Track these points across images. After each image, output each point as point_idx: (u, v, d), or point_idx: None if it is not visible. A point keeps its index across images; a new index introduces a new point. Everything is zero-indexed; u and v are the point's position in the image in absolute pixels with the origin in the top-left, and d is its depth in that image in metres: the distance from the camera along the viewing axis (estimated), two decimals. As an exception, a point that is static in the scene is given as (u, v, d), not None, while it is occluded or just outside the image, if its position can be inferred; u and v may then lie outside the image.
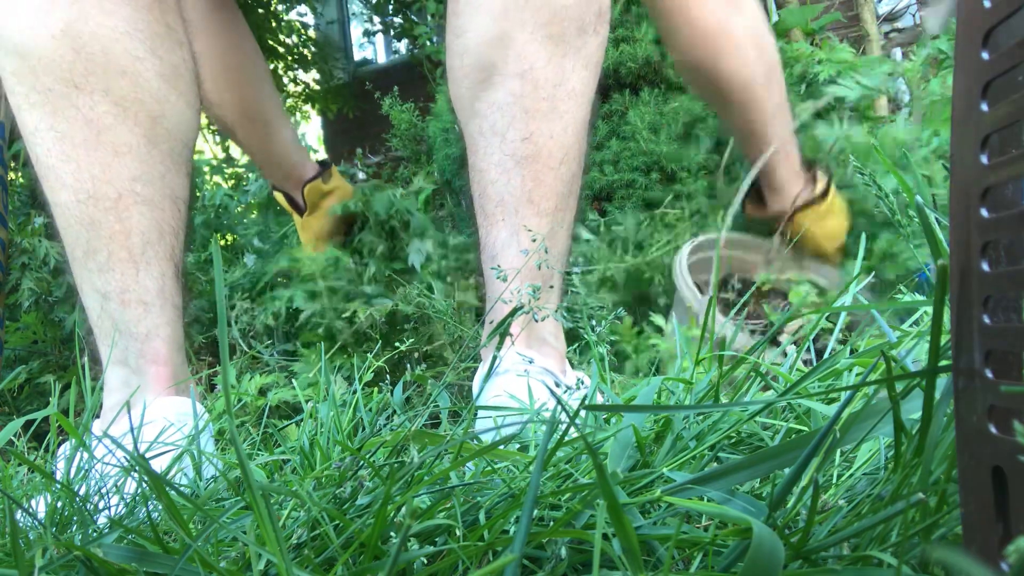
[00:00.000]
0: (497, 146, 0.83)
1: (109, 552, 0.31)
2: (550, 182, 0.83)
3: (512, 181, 0.83)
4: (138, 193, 0.78)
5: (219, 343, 0.31)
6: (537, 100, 0.81)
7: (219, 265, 0.32)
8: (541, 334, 0.84)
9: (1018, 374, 0.23)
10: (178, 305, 0.82)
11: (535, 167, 0.82)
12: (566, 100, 0.82)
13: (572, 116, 0.83)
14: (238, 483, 0.46)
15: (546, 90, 0.81)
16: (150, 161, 0.79)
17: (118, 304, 0.78)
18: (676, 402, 0.55)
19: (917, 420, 0.29)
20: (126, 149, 0.77)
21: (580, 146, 0.86)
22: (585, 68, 0.83)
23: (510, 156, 0.82)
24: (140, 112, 0.78)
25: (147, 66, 0.78)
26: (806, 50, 1.80)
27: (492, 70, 0.82)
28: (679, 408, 0.42)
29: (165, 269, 0.80)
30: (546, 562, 0.32)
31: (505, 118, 0.82)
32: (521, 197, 0.83)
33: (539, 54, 0.80)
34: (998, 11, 0.23)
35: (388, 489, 0.32)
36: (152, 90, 0.79)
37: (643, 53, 1.54)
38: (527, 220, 0.83)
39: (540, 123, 0.81)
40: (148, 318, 0.78)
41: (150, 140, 0.79)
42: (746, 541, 0.29)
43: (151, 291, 0.79)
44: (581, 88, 0.83)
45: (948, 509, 0.27)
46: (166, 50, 0.81)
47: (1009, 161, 0.23)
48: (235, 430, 0.30)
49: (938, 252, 0.32)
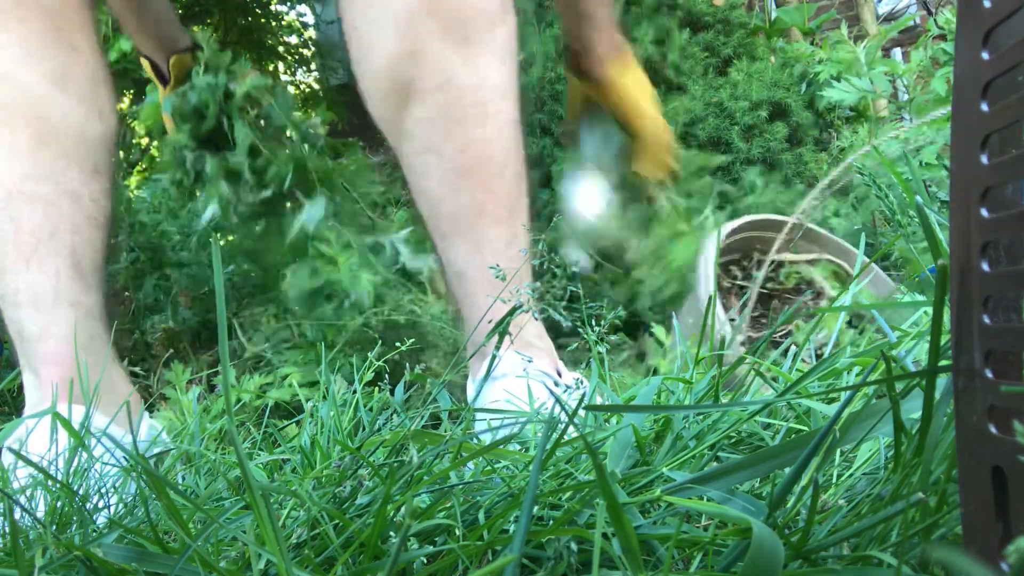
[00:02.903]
0: (436, 164, 0.81)
1: (109, 552, 0.31)
2: (499, 188, 0.81)
3: (461, 197, 0.81)
4: (27, 192, 0.76)
5: (219, 343, 0.31)
6: (464, 108, 0.79)
7: (219, 265, 0.32)
8: (526, 338, 0.83)
9: (1018, 374, 0.23)
10: (82, 303, 0.78)
11: (481, 177, 0.80)
12: (493, 100, 0.80)
13: (504, 115, 0.81)
14: (238, 483, 0.46)
15: (471, 95, 0.79)
16: (40, 160, 0.78)
17: (12, 306, 0.76)
18: (676, 402, 0.55)
19: (917, 420, 0.29)
20: (12, 151, 0.76)
21: (518, 142, 0.84)
22: (501, 62, 0.81)
23: (453, 171, 0.81)
24: (27, 114, 0.77)
25: (29, 70, 0.78)
26: (806, 50, 1.80)
27: (411, 87, 0.79)
28: (679, 408, 0.42)
29: (61, 268, 0.77)
30: (546, 561, 0.32)
31: (438, 133, 0.80)
32: (474, 211, 0.81)
33: (454, 60, 0.78)
34: (998, 11, 0.23)
35: (388, 489, 0.32)
36: (37, 93, 0.78)
37: (643, 53, 1.54)
38: (486, 233, 0.81)
39: (474, 130, 0.79)
40: (39, 318, 0.75)
41: (40, 140, 0.78)
42: (746, 541, 0.29)
43: (44, 290, 0.76)
44: (503, 83, 0.81)
45: (948, 509, 0.27)
46: (51, 53, 0.80)
47: (1009, 161, 0.23)
48: (234, 430, 0.30)
49: (938, 252, 0.32)
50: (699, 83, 1.58)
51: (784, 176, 1.55)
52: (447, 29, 0.77)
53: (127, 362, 1.25)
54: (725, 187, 1.43)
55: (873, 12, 2.41)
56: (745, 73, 1.58)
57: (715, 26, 1.65)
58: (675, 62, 1.57)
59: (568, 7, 1.29)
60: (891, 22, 2.48)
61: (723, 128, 1.50)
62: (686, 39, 1.59)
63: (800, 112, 1.58)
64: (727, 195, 1.45)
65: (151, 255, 1.45)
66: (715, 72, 1.64)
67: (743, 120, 1.50)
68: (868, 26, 2.37)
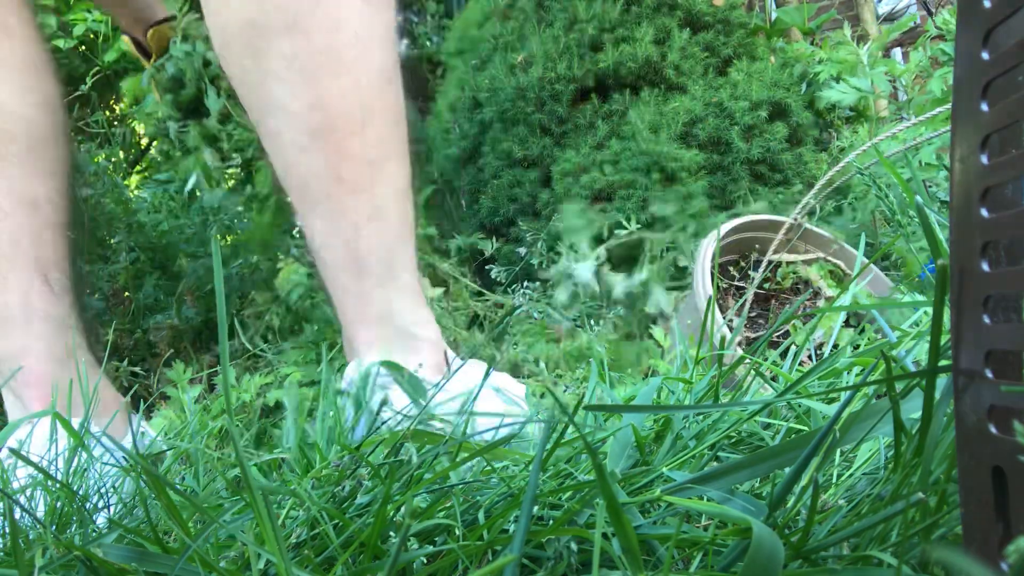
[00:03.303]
0: (284, 123, 0.70)
1: (109, 552, 0.31)
2: (357, 151, 0.70)
3: (313, 161, 0.70)
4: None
5: (219, 343, 0.31)
6: (313, 55, 0.67)
7: (219, 265, 0.32)
8: (399, 326, 0.74)
9: (1018, 374, 0.23)
10: (54, 317, 0.74)
11: (334, 138, 0.69)
12: (350, 48, 0.68)
13: (364, 66, 0.70)
14: (237, 482, 0.46)
15: (321, 39, 0.67)
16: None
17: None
18: (676, 401, 0.55)
19: (917, 420, 0.29)
20: None
21: (386, 99, 0.73)
22: (366, 2, 0.69)
23: (302, 132, 0.69)
24: None
25: None
26: (806, 50, 1.80)
27: (253, 32, 0.68)
28: (678, 408, 0.42)
29: (27, 283, 0.73)
30: (546, 561, 0.32)
31: (284, 87, 0.68)
32: (327, 177, 0.70)
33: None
34: (998, 11, 0.23)
35: (388, 488, 0.32)
36: None
37: (643, 53, 1.54)
38: (342, 203, 0.70)
39: (325, 83, 0.68)
40: (13, 339, 0.72)
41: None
42: (746, 541, 0.29)
43: (13, 307, 0.72)
44: (367, 28, 0.69)
45: (948, 509, 0.27)
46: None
47: (1009, 161, 0.23)
48: (234, 429, 0.30)
49: (938, 252, 0.32)
50: (699, 83, 1.58)
51: (784, 176, 1.55)
52: None
53: (127, 362, 1.25)
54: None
55: (873, 12, 2.41)
56: (745, 73, 1.58)
57: (715, 26, 1.65)
58: (675, 62, 1.57)
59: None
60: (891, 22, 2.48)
61: (723, 128, 1.50)
62: (686, 39, 1.59)
63: (800, 112, 1.58)
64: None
65: (151, 255, 1.45)
66: (715, 72, 1.63)
67: (743, 120, 1.50)
68: (868, 26, 2.37)
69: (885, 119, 1.83)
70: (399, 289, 0.74)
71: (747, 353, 0.49)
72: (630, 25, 1.59)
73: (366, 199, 0.71)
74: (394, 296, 0.74)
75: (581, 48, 1.58)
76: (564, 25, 1.61)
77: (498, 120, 1.67)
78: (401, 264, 0.75)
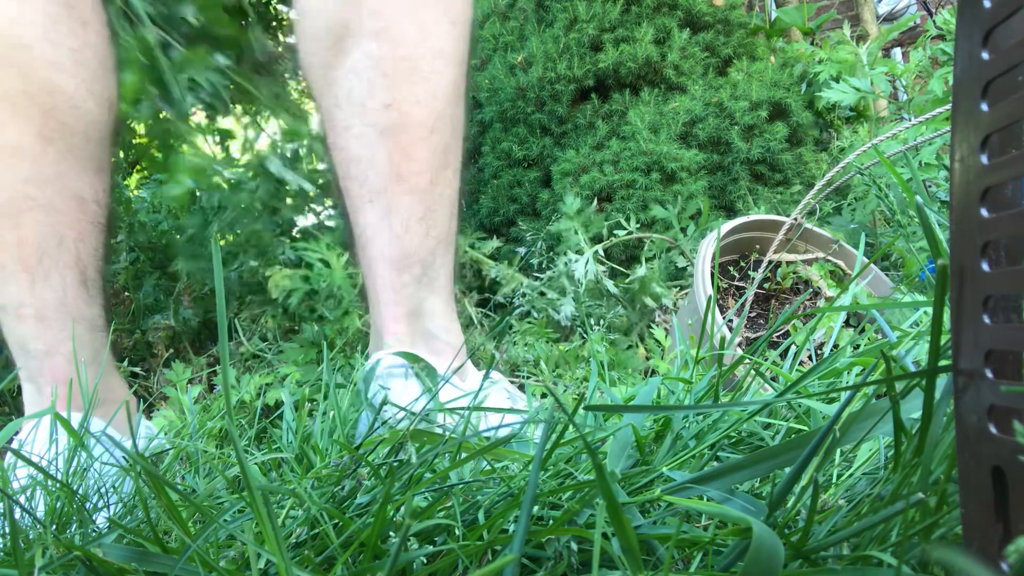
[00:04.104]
0: (357, 117, 0.74)
1: (109, 552, 0.31)
2: (421, 155, 0.74)
3: (377, 156, 0.74)
4: (32, 197, 0.71)
5: (219, 343, 0.31)
6: (396, 61, 0.72)
7: (219, 265, 0.32)
8: (428, 328, 0.76)
9: (1018, 374, 0.23)
10: (87, 317, 0.75)
11: (402, 138, 0.73)
12: (431, 60, 0.73)
13: (440, 78, 0.74)
14: (237, 482, 0.46)
15: (406, 48, 0.72)
16: (44, 161, 0.71)
17: (15, 319, 0.72)
18: (676, 401, 0.55)
19: (917, 420, 0.29)
20: (15, 149, 0.70)
21: (454, 113, 0.77)
22: (452, 24, 0.74)
23: (372, 127, 0.73)
24: (31, 107, 0.70)
25: (36, 54, 0.69)
26: (806, 50, 1.80)
27: (345, 31, 0.72)
28: (678, 408, 0.42)
29: (67, 278, 0.74)
30: (546, 561, 0.32)
31: (363, 84, 0.73)
32: (389, 174, 0.74)
33: (395, 8, 0.71)
34: (998, 11, 0.23)
35: (388, 488, 0.32)
36: (42, 81, 0.70)
37: (643, 53, 1.54)
38: (398, 199, 0.74)
39: (403, 87, 0.72)
40: (47, 334, 0.72)
41: (43, 138, 0.71)
42: (746, 541, 0.29)
43: (49, 304, 0.72)
44: (447, 46, 0.74)
45: (948, 509, 0.27)
46: (62, 33, 0.72)
47: (1009, 161, 0.23)
48: (234, 429, 0.30)
49: (938, 252, 0.32)
50: (699, 83, 1.58)
51: (784, 176, 1.55)
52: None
53: (127, 362, 1.25)
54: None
55: (873, 12, 2.41)
56: (745, 73, 1.58)
57: (715, 26, 1.65)
58: (675, 62, 1.57)
59: None
60: (891, 22, 2.48)
61: (723, 128, 1.50)
62: (686, 39, 1.59)
63: (800, 112, 1.58)
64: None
65: (151, 255, 1.45)
66: (715, 72, 1.63)
67: (743, 120, 1.50)
68: (868, 26, 2.37)
69: (885, 119, 1.83)
70: (435, 291, 0.77)
71: (747, 353, 0.49)
72: (630, 25, 1.58)
73: (420, 200, 0.74)
74: (429, 297, 0.77)
75: (581, 48, 1.58)
76: (564, 25, 1.60)
77: (498, 120, 1.67)
78: (441, 268, 0.78)
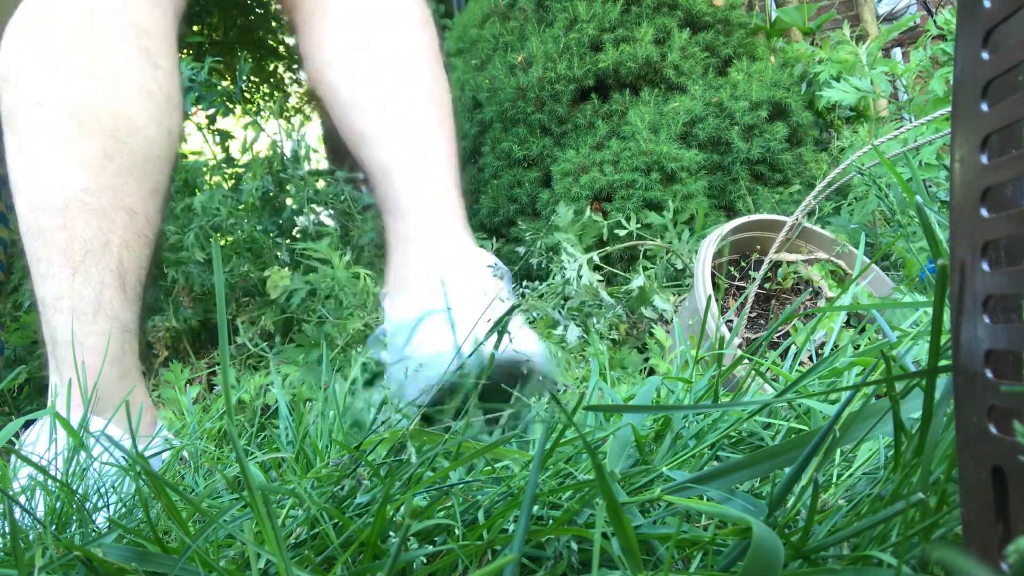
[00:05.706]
0: (373, 115, 0.93)
1: (109, 552, 0.31)
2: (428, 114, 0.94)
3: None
4: (86, 203, 0.77)
5: (219, 343, 0.31)
6: (396, 67, 0.94)
7: (219, 265, 0.32)
8: (450, 226, 0.89)
9: (1018, 374, 0.23)
10: (120, 319, 0.79)
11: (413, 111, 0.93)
12: (413, 65, 0.95)
13: (427, 77, 0.95)
14: (236, 481, 0.46)
15: (399, 59, 0.94)
16: (104, 174, 0.79)
17: (52, 311, 0.76)
18: (675, 401, 0.55)
19: (917, 420, 0.29)
20: (78, 162, 0.77)
21: (441, 86, 0.98)
22: (427, 34, 0.97)
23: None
24: (103, 128, 0.79)
25: (115, 85, 0.80)
26: (806, 50, 1.80)
27: (353, 53, 0.95)
28: (678, 408, 0.42)
29: (107, 280, 0.78)
30: (546, 561, 0.32)
31: (375, 86, 0.94)
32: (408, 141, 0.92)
33: None
34: (998, 11, 0.23)
35: (388, 488, 0.32)
36: (118, 108, 0.80)
37: (643, 53, 1.54)
38: (431, 133, 0.93)
39: (399, 84, 0.93)
40: (77, 326, 0.75)
41: (107, 154, 0.79)
42: (746, 540, 0.29)
43: (85, 299, 0.76)
44: (425, 53, 0.97)
45: (948, 509, 0.27)
46: (138, 70, 0.83)
47: (1009, 161, 0.23)
48: (233, 429, 0.30)
49: (938, 252, 0.32)
50: (699, 83, 1.58)
51: (784, 176, 1.55)
52: None
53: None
54: None
55: (873, 12, 2.41)
56: (745, 73, 1.58)
57: (715, 26, 1.65)
58: (675, 62, 1.57)
59: None
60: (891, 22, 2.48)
61: (723, 128, 1.50)
62: (686, 39, 1.59)
63: (800, 112, 1.58)
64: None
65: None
66: (715, 72, 1.63)
67: (743, 120, 1.50)
68: (868, 26, 2.37)
69: (885, 119, 1.83)
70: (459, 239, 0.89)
71: (747, 353, 0.49)
72: (630, 25, 1.58)
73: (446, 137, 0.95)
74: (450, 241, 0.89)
75: (581, 48, 1.58)
76: (564, 25, 1.60)
77: (498, 120, 1.67)
78: (454, 216, 0.91)
